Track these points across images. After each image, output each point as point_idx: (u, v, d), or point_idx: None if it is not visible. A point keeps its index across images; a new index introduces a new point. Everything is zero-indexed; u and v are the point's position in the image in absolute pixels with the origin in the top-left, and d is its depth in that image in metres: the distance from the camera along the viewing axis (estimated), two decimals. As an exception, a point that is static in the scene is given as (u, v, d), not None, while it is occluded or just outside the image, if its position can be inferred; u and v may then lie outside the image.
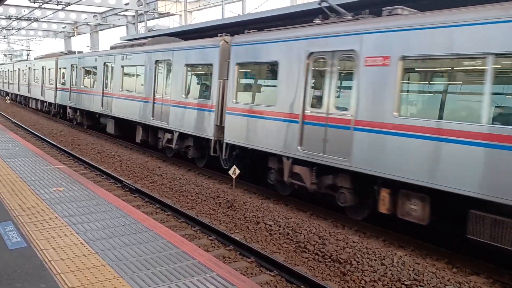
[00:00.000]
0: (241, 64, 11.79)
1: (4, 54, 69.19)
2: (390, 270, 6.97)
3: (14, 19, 35.25)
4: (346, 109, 8.87)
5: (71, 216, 5.99)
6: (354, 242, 7.93)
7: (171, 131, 14.62)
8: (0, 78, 52.08)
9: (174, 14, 32.08)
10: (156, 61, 15.46)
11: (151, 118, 15.59)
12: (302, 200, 10.72)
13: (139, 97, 16.48)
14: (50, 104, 28.74)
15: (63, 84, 25.72)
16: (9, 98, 44.15)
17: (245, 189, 11.98)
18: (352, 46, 8.69)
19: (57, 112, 27.89)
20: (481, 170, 6.75)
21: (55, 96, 27.01)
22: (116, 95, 18.43)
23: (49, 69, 28.16)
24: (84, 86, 22.35)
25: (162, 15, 31.97)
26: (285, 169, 10.26)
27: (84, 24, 41.69)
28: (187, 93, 14.00)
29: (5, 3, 27.31)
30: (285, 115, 10.14)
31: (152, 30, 25.22)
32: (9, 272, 4.21)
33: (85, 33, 44.28)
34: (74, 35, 45.16)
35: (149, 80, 15.87)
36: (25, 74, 35.68)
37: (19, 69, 38.46)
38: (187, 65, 13.92)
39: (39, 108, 32.24)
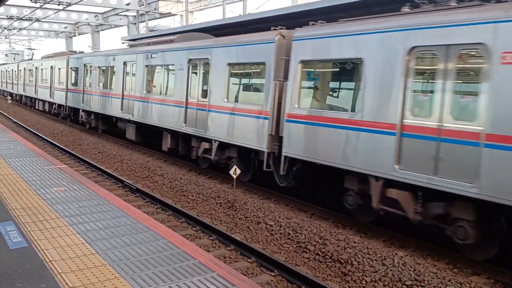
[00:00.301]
0: (306, 62, 9.98)
1: (6, 54, 69.35)
2: (391, 270, 6.97)
3: (15, 19, 35.29)
4: (471, 119, 6.96)
5: (72, 216, 5.99)
6: (355, 242, 7.92)
7: (209, 140, 13.04)
8: (3, 78, 50.83)
9: (175, 14, 32.11)
10: (190, 60, 13.81)
11: (184, 125, 13.93)
12: (381, 226, 9.08)
13: (168, 101, 14.88)
14: (59, 106, 27.07)
15: (75, 85, 24.22)
16: (10, 98, 44.04)
17: (246, 189, 11.98)
18: (479, 39, 6.80)
19: (68, 115, 26.26)
20: None
21: (66, 98, 25.37)
22: (139, 98, 16.85)
23: (59, 68, 26.66)
24: (100, 88, 20.76)
25: (163, 15, 32.01)
26: (373, 193, 8.31)
27: (85, 24, 41.75)
28: (232, 97, 12.24)
29: (7, 3, 27.30)
30: (373, 124, 8.24)
31: (153, 30, 25.15)
32: (10, 272, 4.21)
33: (86, 33, 44.37)
34: (75, 35, 45.22)
35: (180, 81, 14.24)
36: (31, 74, 34.01)
37: (24, 68, 37.01)
38: (230, 64, 12.16)
39: (46, 110, 30.63)
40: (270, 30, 11.09)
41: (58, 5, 28.10)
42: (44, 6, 29.47)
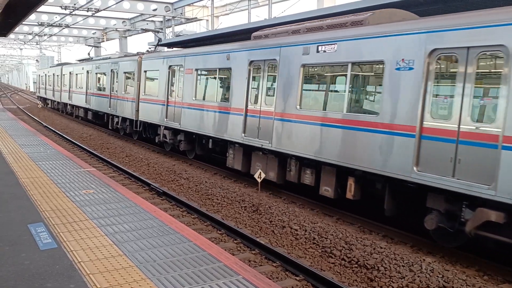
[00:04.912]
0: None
1: (36, 60, 71.25)
2: (418, 276, 6.84)
3: (46, 26, 36.25)
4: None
5: (100, 218, 6.10)
6: (381, 247, 7.82)
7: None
8: (53, 85, 37.04)
9: (201, 19, 32.43)
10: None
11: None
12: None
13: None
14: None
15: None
16: (41, 103, 44.68)
17: (271, 193, 11.96)
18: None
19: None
20: None
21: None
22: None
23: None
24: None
25: (189, 20, 32.35)
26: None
27: (113, 30, 42.56)
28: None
29: (38, 10, 27.98)
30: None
31: (179, 36, 25.40)
32: (40, 272, 4.31)
33: (114, 38, 45.22)
34: (103, 41, 46.14)
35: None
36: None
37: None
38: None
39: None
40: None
41: (87, 11, 28.75)
42: (73, 13, 30.17)
